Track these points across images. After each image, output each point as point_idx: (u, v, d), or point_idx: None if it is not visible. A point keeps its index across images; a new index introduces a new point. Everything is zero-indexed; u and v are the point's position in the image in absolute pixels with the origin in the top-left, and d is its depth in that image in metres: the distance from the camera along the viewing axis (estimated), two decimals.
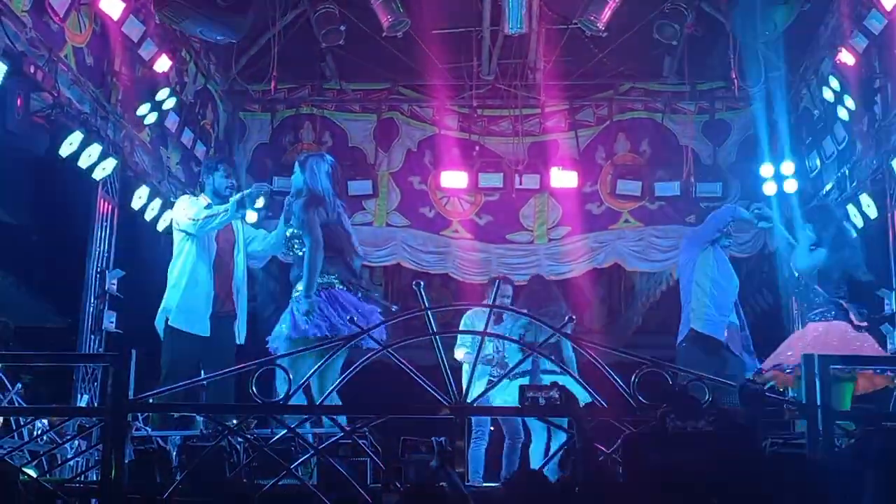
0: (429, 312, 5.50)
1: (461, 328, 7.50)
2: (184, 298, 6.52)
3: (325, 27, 9.07)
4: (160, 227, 9.07)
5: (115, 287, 8.39)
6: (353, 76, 10.67)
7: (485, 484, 6.37)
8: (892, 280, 8.08)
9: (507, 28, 8.90)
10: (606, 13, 8.61)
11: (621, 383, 5.35)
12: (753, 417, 4.35)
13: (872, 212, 8.36)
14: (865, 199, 8.44)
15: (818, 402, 4.95)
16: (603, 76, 10.45)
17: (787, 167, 9.66)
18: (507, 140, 10.74)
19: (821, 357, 5.20)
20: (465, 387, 5.51)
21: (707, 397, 4.92)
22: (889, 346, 8.00)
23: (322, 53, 9.91)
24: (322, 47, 9.51)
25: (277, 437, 5.43)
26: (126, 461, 5.11)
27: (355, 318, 5.89)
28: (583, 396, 5.07)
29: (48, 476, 6.03)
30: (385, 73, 10.52)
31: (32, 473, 5.26)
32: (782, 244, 7.59)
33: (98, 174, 7.98)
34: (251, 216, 7.56)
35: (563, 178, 10.36)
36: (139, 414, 5.88)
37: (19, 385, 7.16)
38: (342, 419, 5.63)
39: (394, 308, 6.55)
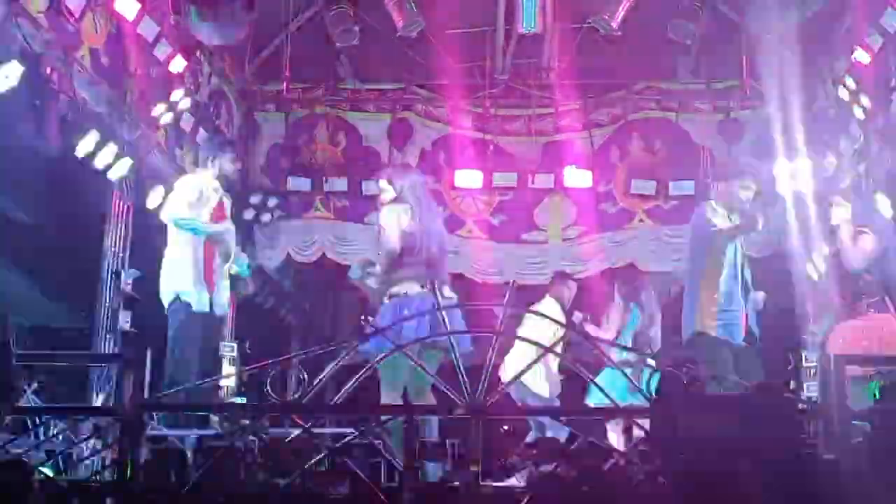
0: (443, 312, 5.51)
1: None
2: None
3: (340, 27, 9.08)
4: None
5: (130, 287, 8.42)
6: (367, 76, 10.68)
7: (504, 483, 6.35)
8: None
9: (521, 27, 8.89)
10: (620, 12, 8.59)
11: (635, 382, 5.35)
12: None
13: (888, 211, 8.31)
14: (881, 198, 8.38)
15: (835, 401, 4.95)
16: (617, 75, 10.43)
17: (803, 166, 9.61)
18: (522, 139, 10.73)
19: (836, 356, 5.21)
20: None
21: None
22: None
23: (336, 53, 9.92)
24: (336, 47, 9.51)
25: (293, 436, 5.44)
26: (141, 461, 5.14)
27: (370, 319, 5.89)
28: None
29: (63, 475, 6.05)
30: (399, 73, 10.53)
31: (48, 473, 5.29)
32: None
33: (113, 174, 8.02)
34: None
35: (578, 178, 10.33)
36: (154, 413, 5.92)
37: (35, 385, 7.19)
38: None
39: None
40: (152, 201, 8.72)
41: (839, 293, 6.41)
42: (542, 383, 8.03)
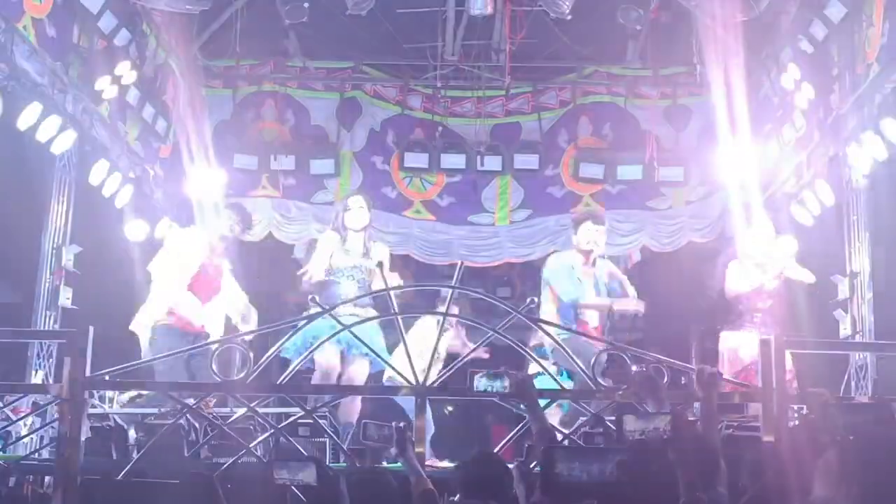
0: (390, 293, 5.52)
1: None
2: None
3: (289, 3, 8.98)
4: (118, 203, 8.97)
5: (71, 263, 8.29)
6: (316, 54, 10.58)
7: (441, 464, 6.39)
8: (845, 267, 8.23)
9: (472, 9, 8.86)
10: None
11: (582, 366, 5.43)
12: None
13: (828, 199, 8.48)
14: (822, 187, 8.55)
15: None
16: (567, 59, 10.46)
17: (747, 153, 9.74)
18: (471, 121, 10.72)
19: (777, 341, 5.36)
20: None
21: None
22: (841, 332, 8.17)
23: (285, 30, 9.81)
24: (285, 24, 9.40)
25: (236, 415, 5.42)
26: (83, 438, 5.08)
27: (317, 298, 5.88)
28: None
29: (1, 453, 5.97)
30: (349, 52, 10.45)
31: None
32: None
33: (56, 148, 7.87)
34: None
35: (526, 161, 10.38)
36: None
37: None
38: None
39: None
40: (95, 176, 8.58)
41: None
42: None
